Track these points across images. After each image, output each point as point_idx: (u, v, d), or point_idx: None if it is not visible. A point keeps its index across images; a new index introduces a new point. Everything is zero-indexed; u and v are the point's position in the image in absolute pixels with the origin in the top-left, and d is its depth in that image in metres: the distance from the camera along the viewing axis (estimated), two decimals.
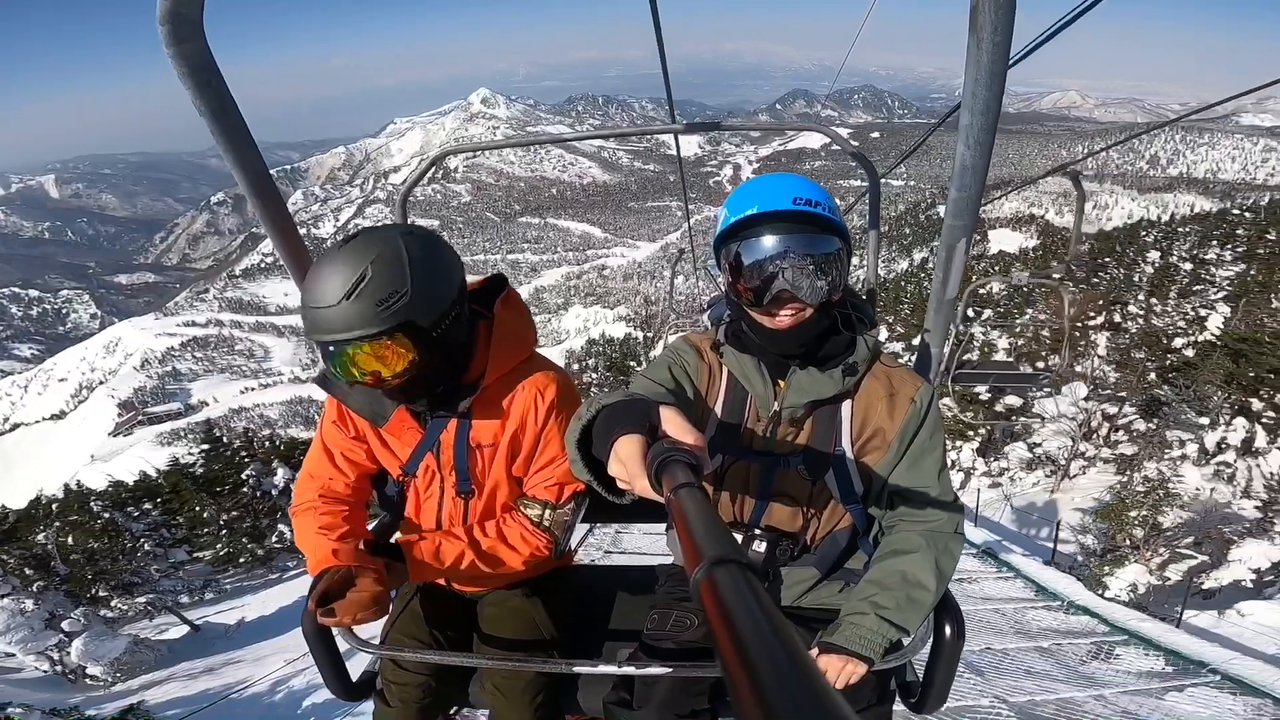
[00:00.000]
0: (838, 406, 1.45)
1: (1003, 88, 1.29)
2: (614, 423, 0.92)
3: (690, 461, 0.77)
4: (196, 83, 1.36)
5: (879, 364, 1.48)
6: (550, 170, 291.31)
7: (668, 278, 6.67)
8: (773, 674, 0.35)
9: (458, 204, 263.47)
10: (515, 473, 1.66)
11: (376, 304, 1.31)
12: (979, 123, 1.35)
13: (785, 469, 1.46)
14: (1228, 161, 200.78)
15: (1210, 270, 17.37)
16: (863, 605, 1.38)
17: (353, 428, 1.65)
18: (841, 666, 1.36)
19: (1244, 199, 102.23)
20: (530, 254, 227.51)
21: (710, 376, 1.52)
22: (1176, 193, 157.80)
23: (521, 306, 1.67)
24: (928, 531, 1.41)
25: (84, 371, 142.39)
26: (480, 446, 1.61)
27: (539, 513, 1.63)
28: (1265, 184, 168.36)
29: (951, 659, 1.50)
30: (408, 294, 1.33)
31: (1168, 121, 10.04)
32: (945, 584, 1.41)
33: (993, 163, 1.43)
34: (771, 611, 0.41)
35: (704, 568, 0.48)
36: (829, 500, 1.49)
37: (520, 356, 1.61)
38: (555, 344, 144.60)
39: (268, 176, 1.64)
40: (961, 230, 1.61)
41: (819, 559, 1.55)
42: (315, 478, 1.66)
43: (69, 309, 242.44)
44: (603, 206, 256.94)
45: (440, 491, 1.68)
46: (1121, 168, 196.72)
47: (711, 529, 0.56)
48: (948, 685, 1.54)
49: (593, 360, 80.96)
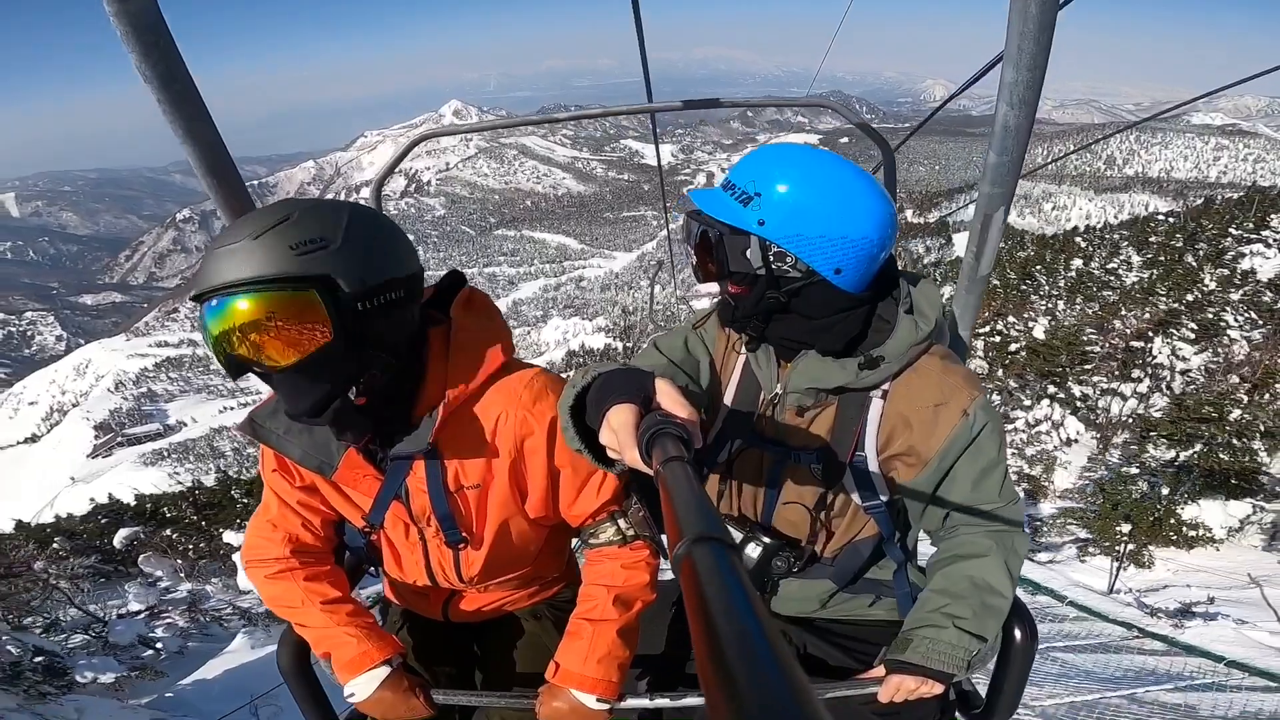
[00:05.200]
0: (865, 404, 1.30)
1: (1051, 39, 1.19)
2: (609, 391, 0.90)
3: (681, 435, 0.76)
4: (142, 44, 1.22)
5: (930, 359, 1.30)
6: (524, 182, 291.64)
7: (646, 288, 7.08)
8: (741, 656, 0.33)
9: (432, 218, 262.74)
10: (534, 514, 1.39)
11: (290, 245, 1.03)
12: (1024, 79, 1.24)
13: (795, 464, 1.35)
14: (1181, 160, 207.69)
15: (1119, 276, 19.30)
16: (937, 617, 1.27)
17: (298, 476, 1.38)
18: (916, 687, 1.26)
19: (1196, 197, 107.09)
20: (507, 267, 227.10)
21: (727, 351, 1.46)
22: (1132, 193, 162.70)
23: (487, 306, 1.38)
24: (993, 533, 1.31)
25: (54, 395, 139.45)
26: (465, 489, 1.33)
27: (614, 529, 1.38)
28: (1218, 181, 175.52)
29: (1023, 665, 1.40)
30: (329, 246, 1.06)
31: (1130, 124, 12.17)
32: (1016, 586, 1.32)
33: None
34: (751, 595, 0.39)
35: (684, 544, 0.47)
36: (845, 507, 1.38)
37: (490, 368, 1.29)
38: (536, 356, 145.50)
39: (223, 152, 1.44)
40: (1001, 198, 1.49)
41: (836, 571, 1.44)
42: (278, 527, 1.41)
43: (34, 331, 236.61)
44: (578, 217, 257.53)
45: (422, 541, 1.42)
46: (1080, 168, 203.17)
47: (696, 505, 0.55)
48: (1019, 693, 1.43)
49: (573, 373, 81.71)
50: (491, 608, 1.58)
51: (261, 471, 1.41)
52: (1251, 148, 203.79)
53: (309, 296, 1.04)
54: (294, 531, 1.39)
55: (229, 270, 1.02)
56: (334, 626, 1.35)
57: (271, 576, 1.39)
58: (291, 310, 1.03)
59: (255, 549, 1.41)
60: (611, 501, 1.36)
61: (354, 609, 1.39)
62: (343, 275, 1.06)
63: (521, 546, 1.45)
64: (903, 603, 1.46)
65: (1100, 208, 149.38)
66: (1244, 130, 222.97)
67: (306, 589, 1.37)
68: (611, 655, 1.31)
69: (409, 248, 1.22)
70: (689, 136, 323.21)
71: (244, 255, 1.02)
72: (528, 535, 1.44)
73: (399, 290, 1.15)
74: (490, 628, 1.64)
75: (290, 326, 1.04)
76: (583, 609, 1.37)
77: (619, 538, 1.37)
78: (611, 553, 1.38)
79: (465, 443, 1.28)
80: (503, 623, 1.63)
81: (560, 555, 1.63)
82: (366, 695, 1.32)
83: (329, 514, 1.44)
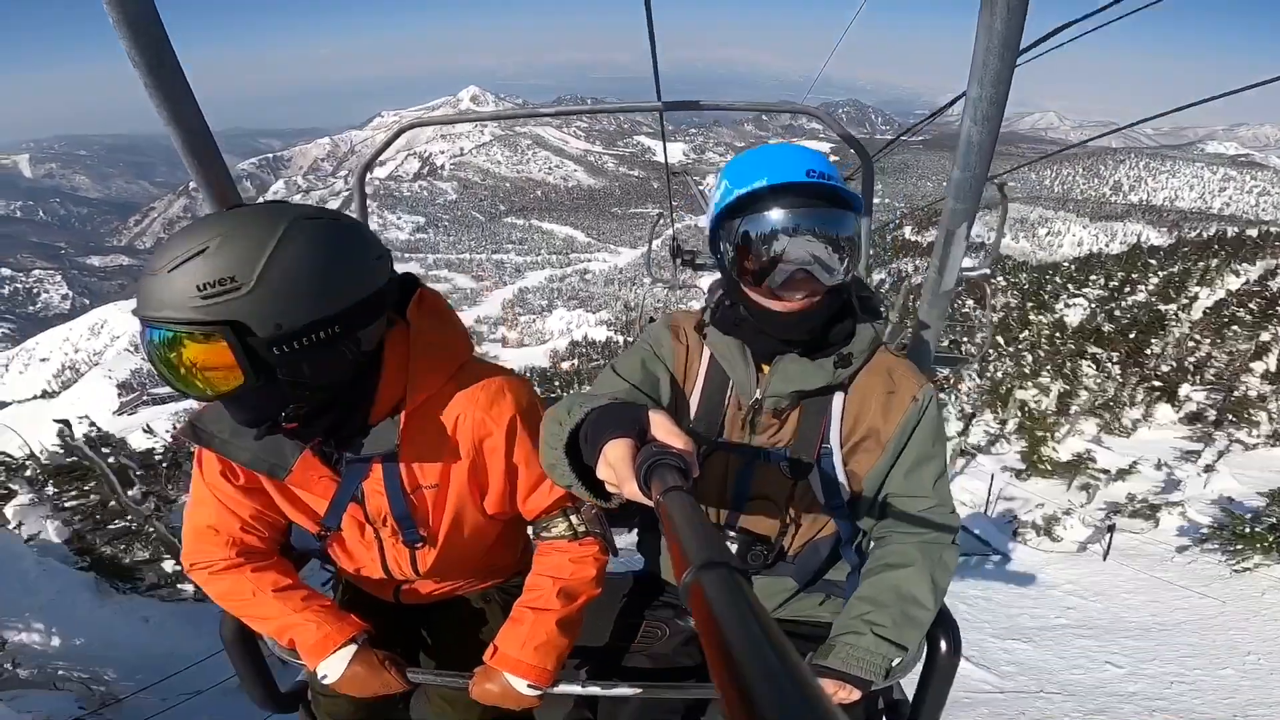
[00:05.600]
0: (828, 400, 1.34)
1: (1015, 58, 1.19)
2: (603, 426, 0.90)
3: (679, 465, 0.76)
4: (133, 30, 1.19)
5: (882, 355, 1.36)
6: (536, 171, 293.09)
7: (649, 285, 7.29)
8: (763, 680, 0.33)
9: (444, 201, 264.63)
10: (491, 510, 1.41)
11: (197, 287, 0.98)
12: (988, 95, 1.24)
13: (765, 464, 1.36)
14: (1186, 189, 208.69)
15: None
16: (857, 624, 1.28)
17: (242, 476, 1.32)
18: (834, 691, 1.26)
19: (1191, 228, 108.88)
20: (515, 255, 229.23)
21: (688, 359, 1.42)
22: (1126, 222, 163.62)
23: (442, 307, 1.34)
24: (922, 544, 1.33)
25: (66, 353, 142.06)
26: (422, 488, 1.33)
27: (566, 524, 1.39)
28: (1219, 213, 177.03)
29: (945, 677, 1.40)
30: (241, 289, 0.99)
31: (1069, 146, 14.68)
32: (941, 599, 1.33)
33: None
34: (763, 616, 0.40)
35: (693, 572, 0.48)
36: (811, 504, 1.38)
37: (449, 370, 1.29)
38: (540, 343, 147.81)
39: (208, 137, 1.39)
40: (964, 214, 1.47)
41: (797, 569, 1.46)
42: (220, 531, 1.34)
43: (40, 289, 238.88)
44: (586, 210, 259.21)
45: (378, 540, 1.42)
46: (1085, 192, 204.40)
47: (701, 532, 0.55)
48: (941, 704, 1.43)
49: (576, 361, 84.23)
50: (443, 593, 1.59)
51: (198, 474, 1.35)
52: (1258, 180, 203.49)
53: (216, 345, 1.01)
54: (235, 535, 1.35)
55: (146, 301, 1.01)
56: (291, 613, 1.34)
57: (217, 573, 1.36)
58: (200, 354, 1.02)
59: (197, 553, 1.36)
60: (565, 498, 1.37)
61: (308, 593, 1.39)
62: (255, 320, 1.01)
63: (477, 540, 1.47)
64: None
65: (1094, 235, 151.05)
66: (1256, 161, 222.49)
67: (256, 580, 1.35)
68: (549, 644, 1.32)
69: (357, 271, 1.13)
70: (701, 136, 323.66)
71: (159, 288, 1.00)
72: (484, 529, 1.46)
73: (328, 329, 1.08)
74: (438, 609, 1.66)
75: (203, 368, 1.03)
76: (527, 597, 1.39)
77: (570, 532, 1.39)
78: (562, 546, 1.40)
79: (423, 444, 1.28)
80: (451, 605, 1.65)
81: (514, 545, 1.64)
82: (339, 675, 1.32)
83: (276, 518, 1.40)
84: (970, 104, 1.27)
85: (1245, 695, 4.46)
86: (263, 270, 1.01)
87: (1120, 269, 26.27)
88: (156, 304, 1.00)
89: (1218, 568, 7.19)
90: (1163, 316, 18.08)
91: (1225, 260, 21.87)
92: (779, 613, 1.51)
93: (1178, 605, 6.42)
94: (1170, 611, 6.29)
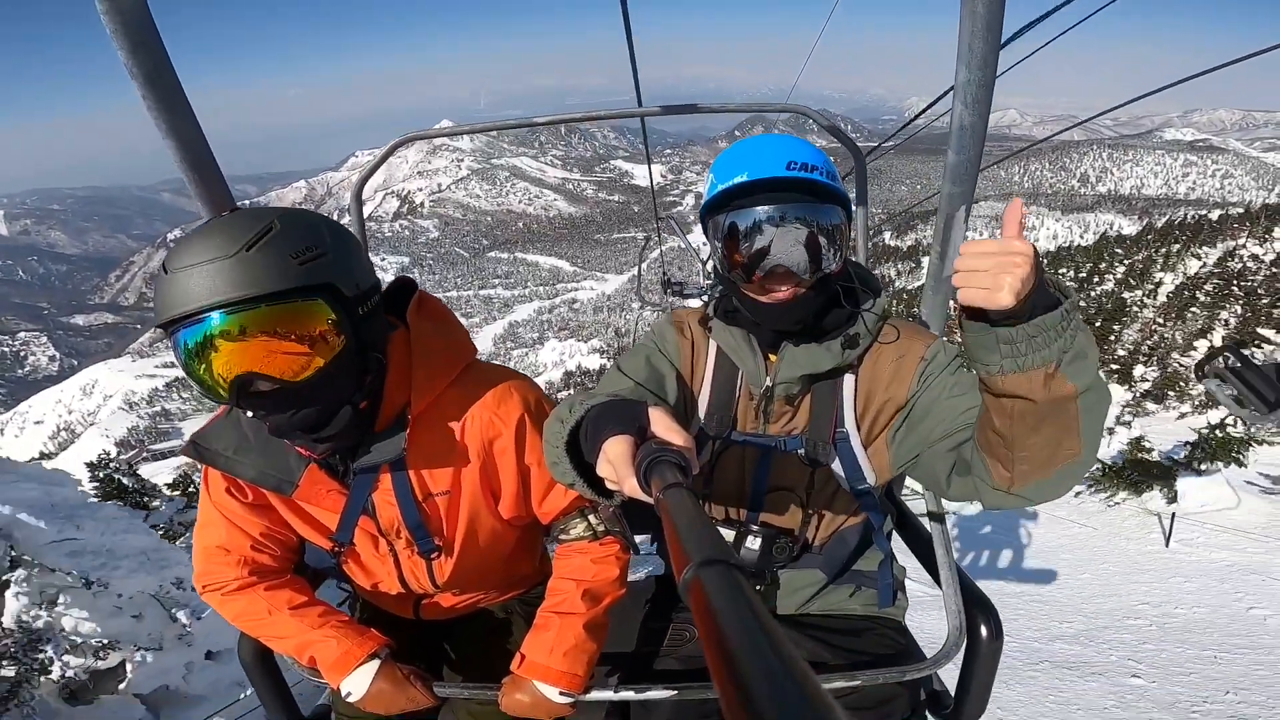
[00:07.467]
0: (838, 382, 1.32)
1: (999, 41, 1.21)
2: (603, 424, 0.90)
3: (679, 462, 0.76)
4: (131, 43, 1.20)
5: (887, 329, 1.33)
6: (516, 203, 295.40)
7: (637, 310, 7.20)
8: (762, 678, 0.33)
9: (426, 240, 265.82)
10: (506, 514, 1.39)
11: (290, 254, 0.99)
12: (976, 79, 1.26)
13: (783, 454, 1.34)
14: (1151, 178, 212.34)
15: None
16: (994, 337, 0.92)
17: (250, 494, 1.32)
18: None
19: (1160, 215, 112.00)
20: (502, 289, 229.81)
21: (694, 355, 1.41)
22: (1097, 212, 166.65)
23: (441, 310, 1.34)
24: None
25: (60, 414, 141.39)
26: (433, 496, 1.31)
27: (585, 525, 1.37)
28: (1185, 198, 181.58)
29: (990, 662, 1.34)
30: (326, 254, 1.04)
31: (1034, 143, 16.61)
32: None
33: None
34: (762, 613, 0.40)
35: (691, 569, 0.48)
36: (835, 491, 1.35)
37: (452, 373, 1.27)
38: (535, 376, 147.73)
39: (205, 147, 1.39)
40: (961, 197, 1.47)
41: (825, 561, 1.42)
42: (231, 551, 1.32)
43: (27, 351, 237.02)
44: (570, 239, 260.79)
45: (393, 552, 1.39)
46: (1054, 186, 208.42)
47: (700, 529, 0.55)
48: (986, 693, 1.37)
49: (571, 392, 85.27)
50: (464, 606, 1.57)
51: (205, 495, 1.34)
52: (1220, 163, 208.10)
53: (320, 307, 1.03)
54: (247, 554, 1.33)
55: (223, 286, 0.96)
56: (310, 630, 1.31)
57: (230, 594, 1.33)
58: (307, 322, 1.02)
59: (209, 574, 1.34)
60: (581, 498, 1.32)
61: (326, 609, 1.36)
62: (342, 280, 1.06)
63: (494, 548, 1.44)
64: (884, 594, 1.45)
65: (1067, 227, 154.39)
66: (1214, 146, 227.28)
67: (270, 598, 1.33)
68: (578, 649, 1.29)
69: (367, 258, 1.22)
70: (677, 156, 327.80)
71: (241, 269, 0.97)
72: (500, 536, 1.43)
73: (378, 294, 1.16)
74: (460, 623, 1.64)
75: (305, 338, 1.02)
76: (551, 602, 1.36)
77: (589, 533, 1.37)
78: (582, 547, 1.38)
79: (431, 449, 1.26)
80: (473, 618, 1.63)
81: (533, 553, 1.62)
82: (363, 692, 1.28)
83: (288, 536, 1.38)
84: (960, 88, 1.30)
85: (1093, 590, 6.44)
86: (331, 237, 1.06)
87: (1089, 260, 27.90)
88: (238, 283, 0.96)
89: (1099, 504, 9.30)
90: (1125, 304, 19.36)
91: (1185, 245, 23.43)
92: (808, 607, 1.47)
93: (1064, 533, 8.40)
94: (1058, 538, 8.28)
